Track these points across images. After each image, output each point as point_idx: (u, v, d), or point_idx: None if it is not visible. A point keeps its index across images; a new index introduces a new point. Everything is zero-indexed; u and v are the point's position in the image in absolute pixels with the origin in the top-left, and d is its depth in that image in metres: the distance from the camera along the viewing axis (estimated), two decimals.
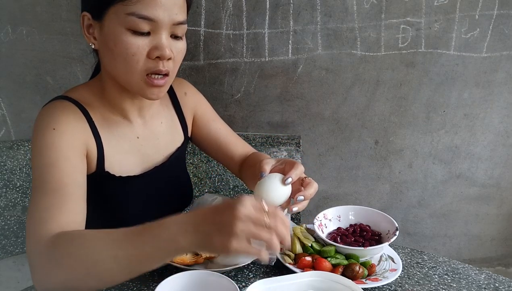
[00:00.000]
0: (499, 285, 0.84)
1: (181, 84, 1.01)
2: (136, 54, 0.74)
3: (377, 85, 1.55)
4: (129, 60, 0.75)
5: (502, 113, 1.59)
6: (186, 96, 1.00)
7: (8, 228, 1.20)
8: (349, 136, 1.62)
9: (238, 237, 0.56)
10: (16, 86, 1.45)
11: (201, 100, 1.05)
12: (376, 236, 0.93)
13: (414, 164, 1.65)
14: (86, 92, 0.86)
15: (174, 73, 0.82)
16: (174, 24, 0.76)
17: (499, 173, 1.67)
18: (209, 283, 0.71)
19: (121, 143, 0.87)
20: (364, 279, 0.83)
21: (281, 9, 1.44)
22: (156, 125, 0.94)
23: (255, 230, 0.57)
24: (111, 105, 0.87)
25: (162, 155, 0.95)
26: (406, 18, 1.47)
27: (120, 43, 0.74)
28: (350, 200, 1.70)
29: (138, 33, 0.74)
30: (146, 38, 0.75)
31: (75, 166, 0.76)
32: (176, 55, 0.79)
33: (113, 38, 0.75)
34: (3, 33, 1.40)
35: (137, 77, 0.77)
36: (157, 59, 0.76)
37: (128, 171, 0.88)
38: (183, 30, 0.79)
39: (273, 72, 1.52)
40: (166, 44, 0.75)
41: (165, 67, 0.77)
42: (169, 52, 0.76)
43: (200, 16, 1.44)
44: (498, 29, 1.48)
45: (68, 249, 0.64)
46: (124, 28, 0.73)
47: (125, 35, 0.73)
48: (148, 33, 0.75)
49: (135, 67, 0.75)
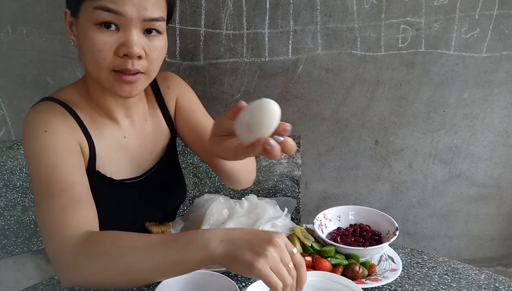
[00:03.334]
0: (499, 285, 0.84)
1: (165, 78, 0.97)
2: (103, 51, 0.71)
3: (377, 85, 1.55)
4: (96, 57, 0.72)
5: (502, 113, 1.59)
6: (169, 90, 0.96)
7: (8, 228, 1.20)
8: (349, 136, 1.62)
9: (266, 259, 0.57)
10: (16, 86, 1.45)
11: (185, 90, 1.00)
12: (376, 236, 0.93)
13: (414, 164, 1.65)
14: (73, 93, 0.85)
15: (151, 71, 0.78)
16: (146, 21, 0.72)
17: (499, 173, 1.67)
18: (209, 283, 0.71)
19: (110, 144, 0.87)
20: (364, 279, 0.83)
21: (281, 9, 1.44)
22: (142, 124, 0.92)
23: (280, 265, 0.59)
24: (97, 106, 0.85)
25: (149, 153, 0.94)
26: (406, 18, 1.47)
27: (87, 39, 0.72)
28: (350, 200, 1.70)
29: (105, 29, 0.71)
30: (114, 35, 0.72)
31: (75, 165, 0.76)
32: (150, 53, 0.75)
33: (82, 34, 0.73)
34: (3, 33, 1.40)
35: (105, 73, 0.74)
36: (125, 57, 0.73)
37: (117, 171, 0.88)
38: (160, 27, 0.75)
39: (273, 72, 1.52)
40: (135, 42, 0.72)
41: (134, 66, 0.73)
42: (138, 50, 0.72)
43: (200, 16, 1.44)
44: (498, 29, 1.48)
45: (101, 248, 0.65)
46: (92, 24, 0.71)
47: (92, 31, 0.71)
48: (118, 30, 0.72)
49: (102, 63, 0.73)
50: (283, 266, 0.59)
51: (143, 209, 0.95)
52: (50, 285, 0.81)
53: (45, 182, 0.72)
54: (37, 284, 0.82)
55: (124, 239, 0.66)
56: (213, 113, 1.54)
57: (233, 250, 0.59)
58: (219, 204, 0.99)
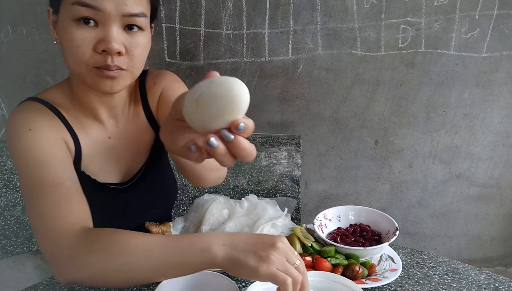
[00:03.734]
0: (499, 285, 0.84)
1: (155, 76, 0.93)
2: (81, 47, 0.70)
3: (377, 85, 1.55)
4: (75, 53, 0.71)
5: (502, 113, 1.59)
6: (154, 86, 0.92)
7: (8, 228, 1.20)
8: (349, 136, 1.62)
9: (271, 263, 0.57)
10: (16, 86, 1.45)
11: (172, 83, 0.93)
12: (376, 236, 0.93)
13: (414, 164, 1.65)
14: (57, 93, 0.84)
15: (134, 68, 0.76)
16: (125, 16, 0.71)
17: (499, 173, 1.67)
18: (209, 283, 0.71)
19: (95, 144, 0.85)
20: (364, 279, 0.83)
21: (281, 9, 1.44)
22: (126, 124, 0.90)
23: (287, 265, 0.59)
24: (82, 105, 0.84)
25: (133, 153, 0.91)
26: (406, 18, 1.47)
27: (66, 35, 0.71)
28: (350, 200, 1.70)
29: (83, 25, 0.70)
30: (93, 31, 0.70)
31: (63, 160, 0.75)
32: (131, 50, 0.73)
33: (62, 30, 0.72)
34: (3, 33, 1.40)
35: (86, 69, 0.73)
36: (104, 53, 0.71)
37: (102, 173, 0.86)
38: (141, 23, 0.74)
39: (273, 72, 1.52)
40: (113, 37, 0.70)
41: (115, 62, 0.72)
42: (117, 46, 0.71)
43: (200, 16, 1.44)
44: (498, 29, 1.48)
45: (102, 244, 0.64)
46: (71, 20, 0.70)
47: (71, 27, 0.70)
48: (96, 25, 0.70)
49: (81, 59, 0.71)
50: (289, 265, 0.59)
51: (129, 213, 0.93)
52: (50, 285, 0.81)
53: (35, 179, 0.71)
54: (37, 284, 0.82)
55: (125, 236, 0.65)
56: None
57: (236, 254, 0.59)
58: (219, 204, 0.99)
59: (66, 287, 0.80)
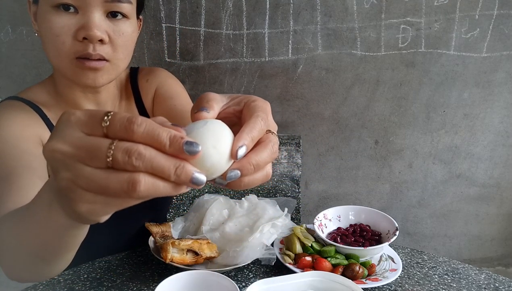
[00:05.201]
0: (499, 285, 0.84)
1: (147, 73, 0.89)
2: (61, 35, 0.66)
3: (377, 85, 1.55)
4: (54, 42, 0.67)
5: (502, 113, 1.59)
6: (147, 83, 0.89)
7: None
8: (349, 136, 1.62)
9: (77, 197, 0.33)
10: (16, 86, 1.45)
11: (166, 80, 0.90)
12: (376, 236, 0.93)
13: (414, 164, 1.65)
14: (40, 91, 0.80)
15: (118, 60, 0.72)
16: (107, 2, 0.67)
17: (499, 173, 1.67)
18: (209, 283, 0.71)
19: None
20: (364, 279, 0.83)
21: (281, 9, 1.45)
22: None
23: (87, 172, 0.32)
24: (66, 102, 0.80)
25: None
26: (406, 18, 1.47)
27: (45, 23, 0.67)
28: (350, 200, 1.70)
29: (63, 12, 0.66)
30: (73, 17, 0.66)
31: (24, 150, 0.69)
32: (115, 38, 0.69)
33: (41, 19, 0.68)
34: (3, 33, 1.40)
35: (67, 61, 0.68)
36: (85, 41, 0.67)
37: None
38: (127, 9, 0.69)
39: (273, 72, 1.52)
40: (95, 24, 0.66)
41: (97, 51, 0.67)
42: (99, 33, 0.66)
43: (200, 16, 1.44)
44: (498, 29, 1.48)
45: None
46: (50, 6, 0.66)
47: (50, 14, 0.66)
48: (76, 12, 0.66)
49: (61, 49, 0.67)
50: (92, 169, 0.32)
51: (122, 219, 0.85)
52: (50, 285, 0.81)
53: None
54: (37, 284, 0.82)
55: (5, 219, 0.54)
56: None
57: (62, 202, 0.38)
58: (219, 204, 0.99)
59: (66, 287, 0.80)
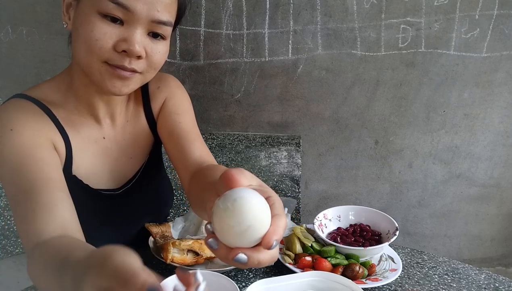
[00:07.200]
0: (499, 285, 0.84)
1: (159, 79, 0.89)
2: (100, 40, 0.67)
3: (377, 85, 1.55)
4: (90, 44, 0.67)
5: (502, 113, 1.59)
6: (158, 90, 0.89)
7: (8, 228, 1.20)
8: (349, 136, 1.62)
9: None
10: (16, 86, 1.45)
11: (177, 93, 0.91)
12: (376, 236, 0.93)
13: (414, 164, 1.65)
14: (50, 89, 0.79)
15: (149, 73, 0.74)
16: (154, 22, 0.69)
17: (499, 173, 1.67)
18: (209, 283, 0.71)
19: (88, 144, 0.80)
20: (364, 279, 0.83)
21: (281, 9, 1.45)
22: (123, 125, 0.86)
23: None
24: (78, 101, 0.79)
25: (129, 157, 0.87)
26: (406, 18, 1.47)
27: (86, 24, 0.67)
28: (350, 200, 1.70)
29: (108, 20, 0.67)
30: (117, 28, 0.67)
31: (40, 159, 0.69)
32: (152, 56, 0.71)
33: (82, 17, 0.68)
34: (3, 33, 1.40)
35: (97, 63, 0.69)
36: (123, 53, 0.68)
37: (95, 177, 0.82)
38: (166, 32, 0.72)
39: (273, 72, 1.52)
40: (137, 40, 0.67)
41: (132, 65, 0.69)
42: (139, 49, 0.68)
43: (200, 16, 1.44)
44: (498, 29, 1.48)
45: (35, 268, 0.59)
46: (95, 11, 0.67)
47: (94, 17, 0.67)
48: (122, 24, 0.68)
49: (96, 52, 0.67)
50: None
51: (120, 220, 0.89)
52: None
53: (11, 187, 0.68)
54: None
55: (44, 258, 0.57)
56: (213, 113, 1.55)
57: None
58: None
59: None
